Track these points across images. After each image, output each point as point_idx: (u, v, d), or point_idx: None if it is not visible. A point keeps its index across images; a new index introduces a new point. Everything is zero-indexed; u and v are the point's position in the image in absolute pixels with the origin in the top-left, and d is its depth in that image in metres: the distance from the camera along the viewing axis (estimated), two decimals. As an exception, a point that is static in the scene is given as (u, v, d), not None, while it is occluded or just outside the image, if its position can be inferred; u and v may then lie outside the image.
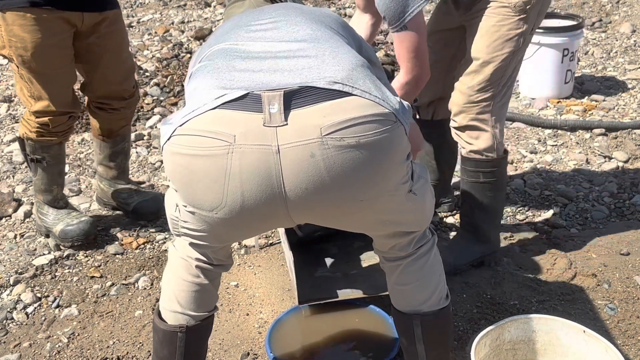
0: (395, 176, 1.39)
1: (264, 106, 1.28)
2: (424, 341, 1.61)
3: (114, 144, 2.72)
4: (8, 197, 2.93)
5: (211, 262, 1.58)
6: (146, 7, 5.76)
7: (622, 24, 5.01)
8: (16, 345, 2.11)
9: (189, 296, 1.58)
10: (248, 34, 1.48)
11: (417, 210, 1.51)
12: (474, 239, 2.34)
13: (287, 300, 2.25)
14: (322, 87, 1.30)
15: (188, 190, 1.37)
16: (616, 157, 3.18)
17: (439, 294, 1.60)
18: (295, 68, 1.35)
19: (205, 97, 1.33)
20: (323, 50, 1.40)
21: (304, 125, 1.27)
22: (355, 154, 1.29)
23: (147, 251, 2.58)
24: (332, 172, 1.29)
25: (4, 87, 4.20)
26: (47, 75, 2.34)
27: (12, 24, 2.24)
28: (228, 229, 1.43)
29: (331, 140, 1.27)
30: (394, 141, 1.34)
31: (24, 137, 2.48)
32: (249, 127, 1.28)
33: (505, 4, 2.05)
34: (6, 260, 2.55)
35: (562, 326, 1.80)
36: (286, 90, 1.29)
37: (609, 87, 4.02)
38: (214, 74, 1.37)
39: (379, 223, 1.49)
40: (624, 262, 2.38)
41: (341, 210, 1.38)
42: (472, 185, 2.28)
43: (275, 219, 1.40)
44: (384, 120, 1.32)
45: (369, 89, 1.34)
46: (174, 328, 1.59)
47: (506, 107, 2.24)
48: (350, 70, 1.35)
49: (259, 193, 1.30)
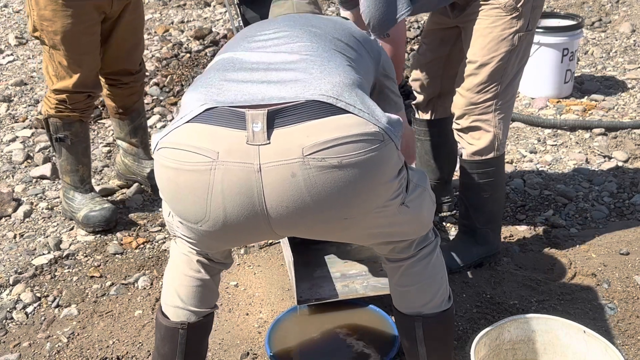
0: (382, 195, 1.38)
1: (248, 124, 1.28)
2: (425, 343, 1.61)
3: (131, 120, 2.88)
4: (8, 197, 2.93)
5: (211, 259, 1.60)
6: (146, 7, 5.75)
7: (621, 23, 5.01)
8: (16, 345, 2.11)
9: (190, 291, 1.59)
10: (250, 44, 1.52)
11: (411, 222, 1.50)
12: (473, 241, 2.34)
13: (286, 300, 2.25)
14: (308, 98, 1.30)
15: (174, 202, 1.40)
16: (616, 156, 3.18)
17: (441, 296, 1.60)
18: (283, 80, 1.36)
19: (188, 108, 1.36)
20: (314, 64, 1.40)
21: (286, 144, 1.28)
22: (337, 174, 1.28)
23: (146, 251, 2.58)
24: (313, 192, 1.29)
25: (4, 87, 4.20)
26: (74, 59, 2.46)
27: (44, 9, 2.36)
28: (214, 241, 1.45)
29: (312, 160, 1.27)
30: (381, 160, 1.33)
31: (47, 114, 2.59)
32: (232, 144, 1.29)
33: (496, 5, 2.06)
34: (6, 260, 2.55)
35: (562, 326, 1.80)
36: (270, 109, 1.29)
37: (609, 87, 4.02)
38: (203, 88, 1.40)
39: (368, 236, 1.48)
40: (624, 261, 2.38)
41: (325, 227, 1.39)
42: (469, 186, 2.28)
43: (259, 233, 1.42)
44: (371, 140, 1.31)
45: (355, 103, 1.33)
46: (175, 325, 1.60)
47: (511, 106, 2.24)
48: (338, 86, 1.34)
49: (240, 209, 1.31)
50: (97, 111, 3.76)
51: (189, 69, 4.16)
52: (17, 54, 4.75)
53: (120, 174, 3.04)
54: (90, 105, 2.63)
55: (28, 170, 3.22)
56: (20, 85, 4.17)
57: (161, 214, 2.82)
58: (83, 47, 2.46)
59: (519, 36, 2.08)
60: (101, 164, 3.27)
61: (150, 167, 2.93)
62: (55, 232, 2.73)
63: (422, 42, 2.43)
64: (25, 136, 3.50)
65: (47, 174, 3.11)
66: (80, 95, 2.54)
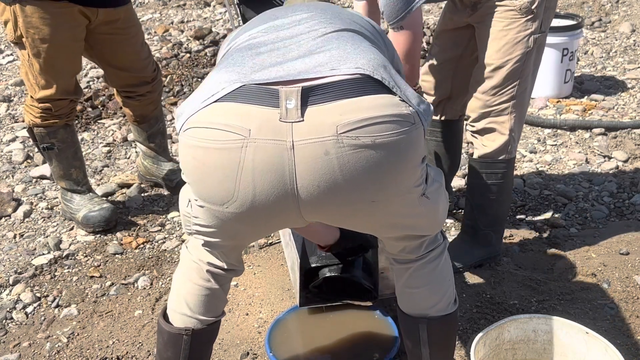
0: (409, 179, 1.37)
1: (281, 101, 1.26)
2: (429, 345, 1.60)
3: (149, 127, 2.91)
4: (7, 197, 2.93)
5: (222, 267, 1.56)
6: (146, 7, 5.75)
7: (621, 23, 5.01)
8: (16, 345, 2.11)
9: (199, 300, 1.57)
10: (276, 23, 1.48)
11: (429, 215, 1.49)
12: (475, 242, 2.34)
13: (286, 300, 2.25)
14: (345, 72, 1.29)
15: (200, 183, 1.36)
16: (616, 156, 3.18)
17: (448, 298, 1.59)
18: (318, 54, 1.34)
19: (219, 86, 1.32)
20: (347, 42, 1.39)
21: (320, 122, 1.26)
22: (370, 154, 1.27)
23: (146, 251, 2.58)
24: (345, 171, 1.27)
25: (4, 87, 4.20)
26: (56, 66, 2.44)
27: (31, 16, 2.32)
28: (238, 225, 1.41)
29: (347, 138, 1.25)
30: (411, 143, 1.32)
31: (31, 124, 2.56)
32: (264, 122, 1.26)
33: (511, 7, 2.05)
34: (6, 260, 2.55)
35: (562, 326, 1.80)
36: (304, 85, 1.27)
37: (609, 87, 4.02)
38: (234, 67, 1.36)
39: (389, 225, 1.47)
40: (624, 261, 2.38)
41: (352, 210, 1.37)
42: (476, 187, 2.28)
43: (285, 216, 1.38)
44: (403, 122, 1.30)
45: (390, 80, 1.32)
46: (179, 331, 1.58)
47: (526, 108, 2.23)
48: (374, 61, 1.34)
49: (271, 188, 1.29)
50: (97, 111, 3.76)
51: (189, 69, 4.16)
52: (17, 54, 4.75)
53: (141, 175, 3.05)
54: (74, 109, 2.62)
55: (28, 170, 3.22)
56: (20, 85, 4.17)
57: (161, 214, 2.82)
58: (68, 53, 2.44)
59: (534, 38, 2.08)
60: (101, 164, 3.27)
61: (169, 168, 2.94)
62: (55, 232, 2.73)
63: (433, 43, 2.41)
64: (25, 136, 3.50)
65: (47, 174, 3.11)
66: (64, 101, 2.52)
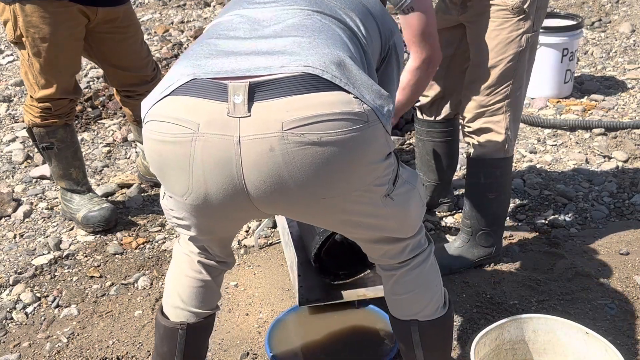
0: (365, 177, 1.35)
1: (229, 96, 1.27)
2: (422, 346, 1.60)
3: None
4: (7, 197, 2.93)
5: (212, 258, 1.59)
6: (145, 7, 5.75)
7: (621, 23, 5.01)
8: (16, 345, 2.11)
9: (191, 292, 1.59)
10: (244, 10, 1.48)
11: (398, 217, 1.46)
12: (474, 242, 2.34)
13: (286, 300, 2.25)
14: (294, 70, 1.27)
15: (162, 175, 1.39)
16: (616, 156, 3.18)
17: (436, 303, 1.58)
18: (272, 50, 1.33)
19: (173, 78, 1.33)
20: (305, 34, 1.36)
21: (266, 118, 1.26)
22: (316, 151, 1.26)
23: (146, 251, 2.58)
24: (290, 167, 1.27)
25: (4, 87, 4.20)
26: (56, 65, 2.44)
27: (31, 15, 2.33)
28: (201, 218, 1.43)
29: (292, 135, 1.25)
30: (364, 141, 1.30)
31: (30, 124, 2.57)
32: (213, 116, 1.27)
33: (503, 7, 2.05)
34: (6, 260, 2.55)
35: (562, 326, 1.80)
36: (252, 81, 1.27)
37: (609, 87, 4.02)
38: (190, 59, 1.37)
39: (350, 224, 1.45)
40: (624, 261, 2.38)
41: (304, 205, 1.37)
42: (475, 187, 2.28)
43: (243, 209, 1.39)
44: (355, 119, 1.28)
45: (342, 77, 1.29)
46: (174, 325, 1.60)
47: (521, 107, 2.23)
48: (327, 57, 1.31)
49: (220, 182, 1.30)
50: (97, 111, 3.76)
51: (189, 69, 4.16)
52: (17, 54, 4.75)
53: (141, 175, 3.05)
54: (73, 109, 2.63)
55: (28, 170, 3.22)
56: (20, 85, 4.17)
57: (161, 214, 2.82)
58: (68, 52, 2.44)
59: (526, 37, 2.08)
60: (101, 164, 3.27)
61: None
62: (55, 232, 2.73)
63: None
64: (25, 136, 3.50)
65: (47, 174, 3.11)
66: (64, 100, 2.53)
